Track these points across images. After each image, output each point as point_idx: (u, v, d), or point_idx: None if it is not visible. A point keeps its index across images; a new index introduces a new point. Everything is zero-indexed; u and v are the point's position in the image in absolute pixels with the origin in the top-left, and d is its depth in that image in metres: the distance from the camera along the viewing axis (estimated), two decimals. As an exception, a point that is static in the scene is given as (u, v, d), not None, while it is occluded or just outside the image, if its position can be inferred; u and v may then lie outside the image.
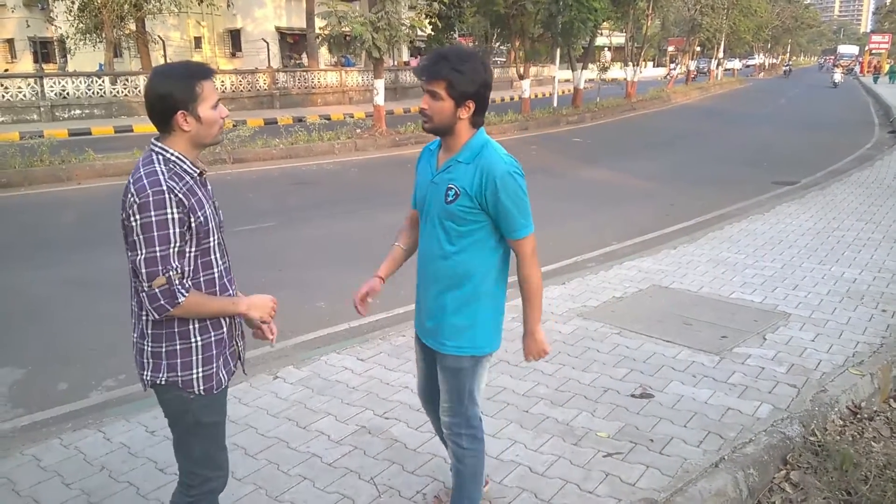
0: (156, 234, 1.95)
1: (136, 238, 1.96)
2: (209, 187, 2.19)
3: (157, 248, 1.96)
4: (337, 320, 5.28)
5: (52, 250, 7.23)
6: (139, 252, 1.96)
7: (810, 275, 6.07)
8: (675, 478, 3.08)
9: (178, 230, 1.98)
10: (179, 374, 2.10)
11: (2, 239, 7.83)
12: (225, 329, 2.20)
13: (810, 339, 4.66)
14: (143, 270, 1.97)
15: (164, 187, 1.96)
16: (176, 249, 1.99)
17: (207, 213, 2.10)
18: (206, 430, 2.20)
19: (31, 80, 20.25)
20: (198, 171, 2.10)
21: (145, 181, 1.96)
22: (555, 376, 4.13)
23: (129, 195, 1.98)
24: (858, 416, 3.80)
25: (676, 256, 6.73)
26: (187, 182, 2.04)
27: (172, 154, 2.05)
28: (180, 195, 1.99)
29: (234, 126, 16.12)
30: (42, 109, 19.91)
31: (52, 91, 20.28)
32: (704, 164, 13.53)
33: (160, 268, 1.97)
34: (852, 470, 3.21)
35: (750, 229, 7.79)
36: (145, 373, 2.12)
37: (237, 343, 2.29)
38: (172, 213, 1.96)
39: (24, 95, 19.87)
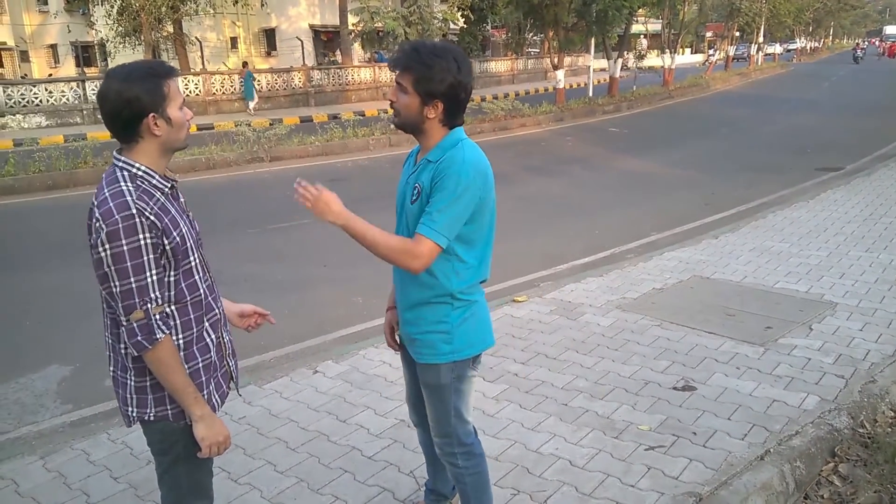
0: (129, 264, 1.78)
1: (107, 270, 1.78)
2: (182, 200, 2.01)
3: (133, 280, 1.79)
4: (374, 315, 5.31)
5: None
6: (113, 285, 1.79)
7: (857, 263, 5.90)
8: (719, 471, 3.03)
9: (152, 256, 1.81)
10: (169, 407, 1.95)
11: (50, 239, 8.07)
12: (213, 352, 2.03)
13: (858, 328, 4.53)
14: (120, 304, 1.80)
15: (133, 210, 1.78)
16: (155, 278, 1.83)
17: (184, 231, 1.91)
18: (195, 457, 2.02)
19: (74, 84, 20.81)
20: (169, 185, 1.93)
21: (111, 204, 1.78)
22: (594, 369, 4.09)
23: (94, 220, 1.79)
24: (910, 407, 3.69)
25: (718, 246, 6.60)
26: (158, 200, 1.86)
27: (139, 168, 1.87)
28: (152, 217, 1.81)
29: (270, 124, 16.33)
30: (85, 112, 20.42)
31: (94, 94, 20.72)
32: (745, 151, 13.24)
33: (137, 300, 1.80)
34: (905, 463, 3.12)
35: (794, 217, 7.60)
36: (130, 409, 1.97)
37: (228, 362, 2.14)
38: (145, 239, 1.79)
39: (68, 99, 20.41)
